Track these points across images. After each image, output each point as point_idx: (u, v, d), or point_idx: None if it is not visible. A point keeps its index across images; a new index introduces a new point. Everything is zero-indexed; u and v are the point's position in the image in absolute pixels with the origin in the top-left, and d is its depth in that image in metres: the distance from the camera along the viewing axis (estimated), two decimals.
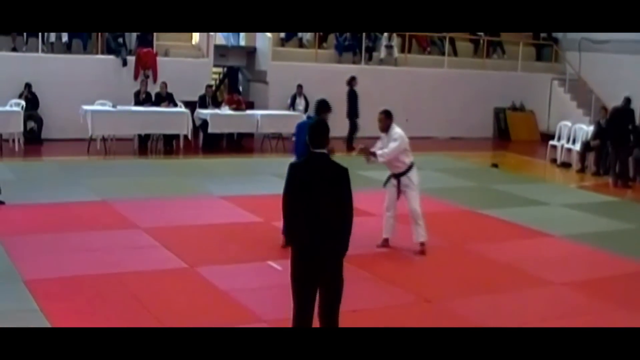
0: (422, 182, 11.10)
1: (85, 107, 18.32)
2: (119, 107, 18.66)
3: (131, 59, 20.58)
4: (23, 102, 18.58)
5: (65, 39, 20.43)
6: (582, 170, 19.26)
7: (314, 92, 21.31)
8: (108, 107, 18.68)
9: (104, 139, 18.62)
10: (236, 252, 10.57)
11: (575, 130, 20.57)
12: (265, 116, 20.10)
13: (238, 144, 20.52)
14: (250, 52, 24.07)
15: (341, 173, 6.54)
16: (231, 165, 17.72)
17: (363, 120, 19.12)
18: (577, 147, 19.90)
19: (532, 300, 9.41)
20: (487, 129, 25.95)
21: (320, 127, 6.71)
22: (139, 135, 19.19)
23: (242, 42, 24.57)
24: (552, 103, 26.36)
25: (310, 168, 6.56)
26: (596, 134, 19.16)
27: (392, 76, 23.73)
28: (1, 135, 17.93)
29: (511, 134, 25.79)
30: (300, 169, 6.58)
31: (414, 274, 10.23)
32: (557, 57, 27.40)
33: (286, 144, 20.46)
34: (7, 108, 18.14)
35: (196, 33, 22.94)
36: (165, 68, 20.65)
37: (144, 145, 19.29)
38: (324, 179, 6.48)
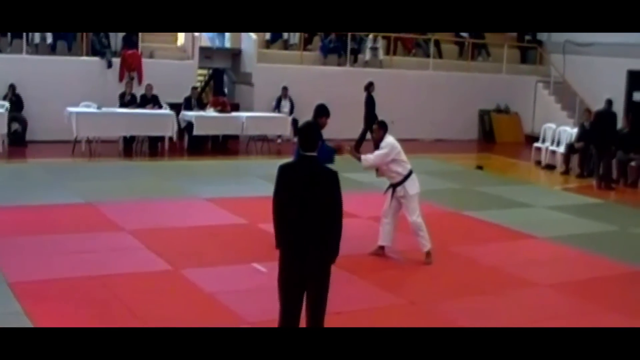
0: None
1: (70, 108, 18.27)
2: (104, 109, 18.62)
3: (116, 61, 20.54)
4: (7, 104, 18.48)
5: (49, 40, 20.34)
6: (566, 172, 19.36)
7: (299, 94, 21.45)
8: (93, 109, 18.62)
9: (88, 141, 18.57)
10: (221, 255, 10.57)
11: (560, 132, 20.69)
12: (250, 118, 20.09)
13: (223, 146, 20.49)
14: (235, 54, 24.07)
15: (330, 177, 6.51)
16: (216, 167, 17.70)
17: (346, 122, 19.12)
18: (562, 149, 20.00)
19: (517, 302, 9.44)
20: (472, 131, 26.03)
21: (310, 130, 6.67)
22: (124, 137, 19.13)
23: (227, 44, 24.54)
24: (537, 105, 26.45)
25: (299, 171, 6.54)
26: (580, 136, 19.28)
27: (377, 78, 23.68)
28: None
29: (496, 136, 25.88)
30: (289, 171, 6.53)
31: (399, 276, 10.26)
32: (541, 60, 27.52)
33: (271, 146, 20.48)
34: None
35: (181, 35, 22.94)
36: (151, 70, 20.61)
37: (129, 147, 19.25)
38: (313, 182, 6.44)
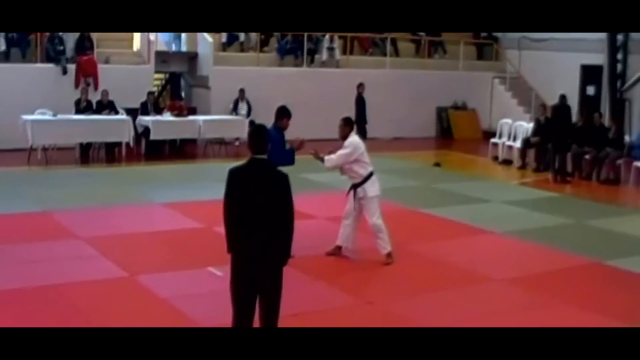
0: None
1: (25, 116, 18.07)
2: (60, 116, 18.45)
3: (71, 67, 20.35)
4: None
5: (2, 47, 20.08)
6: (523, 167, 19.52)
7: (257, 96, 21.42)
8: (48, 116, 18.44)
9: (44, 149, 18.38)
10: (177, 259, 10.54)
11: (516, 127, 20.85)
12: (207, 121, 20.04)
13: (181, 150, 20.44)
14: (192, 58, 23.95)
15: (280, 180, 6.54)
16: (174, 171, 17.62)
17: (302, 123, 19.18)
18: (518, 144, 20.15)
19: (473, 298, 9.50)
20: (430, 128, 26.14)
21: (260, 134, 6.68)
22: (81, 144, 19.00)
23: (183, 48, 24.43)
24: (494, 101, 26.66)
25: (249, 174, 6.53)
26: (536, 131, 19.44)
27: (334, 78, 23.80)
28: None
29: (454, 132, 26.02)
30: (239, 175, 6.54)
31: (355, 276, 10.27)
32: (497, 56, 27.74)
33: (229, 149, 20.43)
34: None
35: (137, 39, 22.81)
36: (107, 75, 20.42)
37: (86, 154, 19.10)
38: (263, 185, 6.46)
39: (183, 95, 24.97)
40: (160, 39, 23.79)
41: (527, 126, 20.46)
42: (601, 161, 18.08)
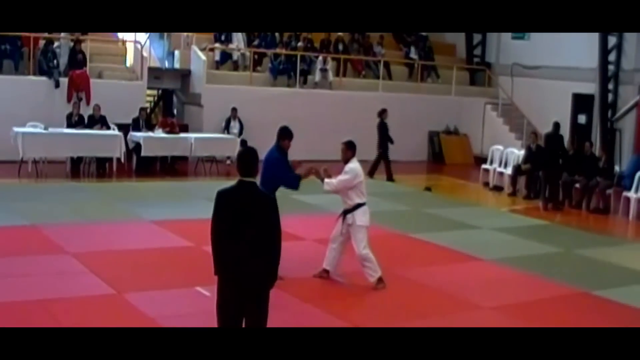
0: None
1: (16, 129, 18.04)
2: (51, 130, 18.45)
3: (64, 81, 20.32)
4: None
5: None
6: (513, 193, 19.54)
7: (249, 115, 21.44)
8: (40, 129, 18.41)
9: (35, 162, 18.33)
10: (165, 278, 10.48)
11: (507, 154, 20.90)
12: (199, 139, 20.03)
13: (172, 167, 20.40)
14: (184, 75, 23.96)
15: (267, 203, 6.59)
16: (164, 188, 17.58)
17: (294, 143, 19.19)
18: (509, 170, 20.18)
19: (459, 325, 9.45)
20: (421, 152, 26.20)
21: (249, 157, 6.68)
22: (71, 158, 18.96)
23: (176, 65, 24.42)
24: (486, 127, 26.70)
25: (236, 196, 6.54)
26: (527, 158, 19.48)
27: (326, 99, 23.85)
28: None
29: (445, 157, 26.09)
30: (226, 197, 6.55)
31: (342, 300, 10.23)
32: (490, 82, 27.84)
33: (220, 167, 20.40)
34: None
35: (130, 55, 22.83)
36: (99, 90, 20.40)
37: (77, 168, 19.06)
38: (250, 208, 6.47)
39: (175, 112, 24.95)
40: (154, 55, 23.81)
41: (518, 153, 20.52)
42: (591, 190, 18.13)
